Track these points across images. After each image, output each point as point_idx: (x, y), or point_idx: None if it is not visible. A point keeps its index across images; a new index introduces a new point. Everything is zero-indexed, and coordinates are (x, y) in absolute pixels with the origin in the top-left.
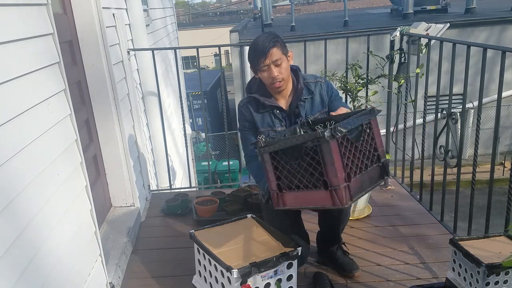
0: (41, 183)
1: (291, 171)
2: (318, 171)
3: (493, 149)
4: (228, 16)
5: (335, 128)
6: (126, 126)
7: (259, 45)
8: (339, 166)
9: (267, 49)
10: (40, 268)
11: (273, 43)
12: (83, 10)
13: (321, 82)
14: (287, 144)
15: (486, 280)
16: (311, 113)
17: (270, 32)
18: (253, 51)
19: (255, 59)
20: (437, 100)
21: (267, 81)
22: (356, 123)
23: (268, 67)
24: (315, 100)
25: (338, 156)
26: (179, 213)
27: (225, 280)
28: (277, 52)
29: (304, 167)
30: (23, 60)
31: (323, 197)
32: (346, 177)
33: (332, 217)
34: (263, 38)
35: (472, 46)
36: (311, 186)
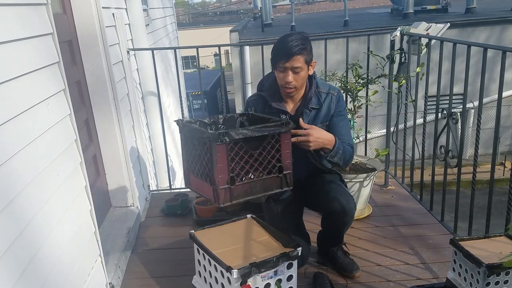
0: (41, 183)
1: (195, 158)
2: (208, 167)
3: (493, 149)
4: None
5: (225, 133)
6: (126, 126)
7: (286, 46)
8: (222, 169)
9: (292, 54)
10: (40, 268)
11: (300, 50)
12: (82, 10)
13: (333, 94)
14: (191, 131)
15: (486, 280)
16: (313, 123)
17: (302, 35)
18: (278, 49)
19: (277, 57)
20: (437, 100)
21: (280, 82)
22: (259, 132)
23: (285, 70)
24: (321, 111)
25: (223, 159)
26: (179, 213)
27: (225, 281)
28: (300, 60)
29: (201, 158)
30: (22, 60)
31: (209, 191)
32: (229, 180)
33: (337, 219)
34: (292, 39)
35: (472, 46)
36: (204, 177)
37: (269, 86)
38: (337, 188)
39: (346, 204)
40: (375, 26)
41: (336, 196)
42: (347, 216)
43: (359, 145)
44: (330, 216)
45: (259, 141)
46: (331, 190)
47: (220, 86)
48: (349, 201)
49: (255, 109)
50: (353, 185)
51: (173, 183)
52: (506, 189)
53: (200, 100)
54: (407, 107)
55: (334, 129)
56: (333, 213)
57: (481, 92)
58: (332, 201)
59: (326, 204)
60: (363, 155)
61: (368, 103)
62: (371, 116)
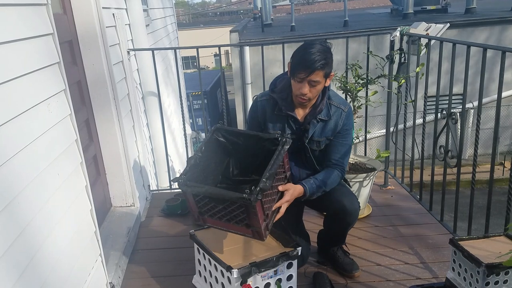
0: (41, 183)
1: (215, 209)
2: (242, 216)
3: (493, 149)
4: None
5: (260, 191)
6: (126, 126)
7: (308, 58)
8: (261, 216)
9: (313, 69)
10: (40, 267)
11: (321, 66)
12: (83, 10)
13: (343, 110)
14: (212, 195)
15: (486, 280)
16: (320, 136)
17: (325, 46)
18: (299, 60)
19: (296, 67)
20: (437, 100)
21: (295, 91)
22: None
23: (302, 81)
24: (328, 125)
25: (260, 210)
26: (179, 213)
27: (225, 280)
28: (320, 75)
29: (228, 211)
30: (23, 60)
31: (245, 231)
32: (266, 218)
33: (342, 219)
34: (315, 52)
35: (472, 46)
36: (234, 223)
37: (282, 88)
38: (342, 189)
39: (351, 205)
40: (375, 27)
41: (341, 197)
42: (351, 217)
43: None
44: (334, 216)
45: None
46: (336, 191)
47: (220, 86)
48: (354, 202)
49: (263, 111)
50: (353, 185)
51: (173, 183)
52: (505, 189)
53: (200, 100)
54: (407, 107)
55: (332, 148)
56: (338, 214)
57: (481, 92)
58: (337, 202)
59: (331, 204)
60: (363, 155)
61: (368, 103)
62: (370, 116)
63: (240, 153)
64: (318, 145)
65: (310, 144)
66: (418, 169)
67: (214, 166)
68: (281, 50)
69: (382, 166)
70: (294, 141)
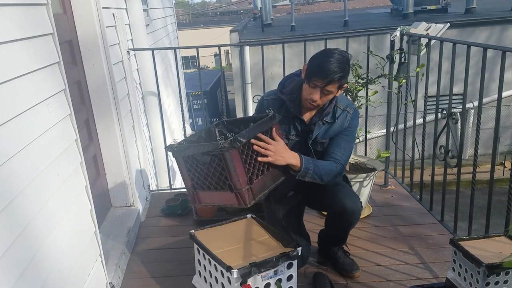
0: (41, 183)
1: (202, 174)
2: (224, 175)
3: (493, 149)
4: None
5: (235, 139)
6: (126, 126)
7: (327, 67)
8: (240, 172)
9: (330, 80)
10: (40, 268)
11: (338, 78)
12: (83, 10)
13: (348, 112)
14: (195, 150)
15: (486, 280)
16: (324, 137)
17: (345, 56)
18: (318, 67)
19: (314, 73)
20: (437, 100)
21: (306, 96)
22: (257, 131)
23: (316, 87)
24: (333, 127)
25: (239, 163)
26: (179, 213)
27: (225, 280)
28: (335, 86)
29: (212, 171)
30: (23, 60)
31: (230, 198)
32: (248, 181)
33: (344, 219)
34: (334, 62)
35: (472, 46)
36: (220, 187)
37: (291, 90)
38: (344, 189)
39: (354, 205)
40: (375, 26)
41: (344, 197)
42: (354, 217)
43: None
44: (337, 216)
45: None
46: (339, 191)
47: (220, 86)
48: (357, 201)
49: (270, 109)
50: (353, 185)
51: (173, 183)
52: (506, 189)
53: (200, 100)
54: (407, 107)
55: (333, 142)
56: (340, 213)
57: (481, 92)
58: (340, 202)
59: (333, 204)
60: (363, 155)
61: (368, 103)
62: (371, 116)
63: None
64: (322, 146)
65: (314, 145)
66: (418, 169)
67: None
68: (281, 50)
69: (382, 166)
70: (298, 143)
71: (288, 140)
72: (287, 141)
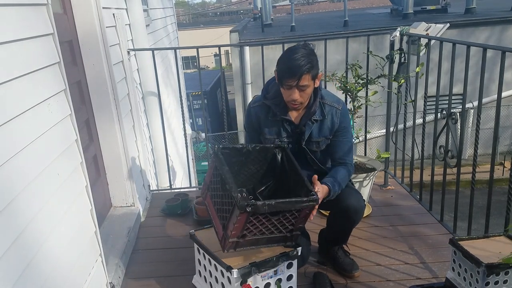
0: (41, 183)
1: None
2: (226, 211)
3: (493, 149)
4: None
5: (254, 205)
6: (126, 126)
7: (293, 64)
8: (238, 228)
9: (300, 74)
10: (40, 268)
11: (307, 69)
12: (83, 10)
13: (337, 109)
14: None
15: (485, 280)
16: (318, 136)
17: (308, 49)
18: (284, 67)
19: (283, 75)
20: (437, 100)
21: (286, 98)
22: (284, 208)
23: (291, 88)
24: (324, 124)
25: (242, 223)
26: (179, 213)
27: (225, 280)
28: (307, 78)
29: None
30: (23, 60)
31: (219, 231)
32: (241, 237)
33: (348, 218)
34: (299, 57)
35: (472, 46)
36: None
37: (275, 94)
38: (347, 188)
39: (358, 203)
40: (374, 27)
41: (348, 195)
42: (357, 215)
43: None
44: (340, 214)
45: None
46: (343, 190)
47: (220, 86)
48: (360, 200)
49: (257, 117)
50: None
51: (173, 183)
52: (505, 189)
53: (200, 100)
54: (407, 107)
55: (335, 147)
56: (344, 212)
57: (481, 92)
58: (344, 200)
59: (338, 203)
60: (363, 155)
61: (368, 103)
62: (370, 116)
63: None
64: (317, 145)
65: (309, 145)
66: (418, 169)
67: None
68: (281, 50)
69: (382, 166)
70: (291, 144)
71: (281, 143)
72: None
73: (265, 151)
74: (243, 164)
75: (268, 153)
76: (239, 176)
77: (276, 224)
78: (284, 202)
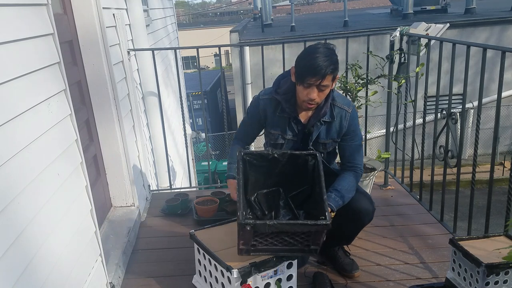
0: (41, 183)
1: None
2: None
3: (493, 149)
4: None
5: (254, 225)
6: (126, 126)
7: (317, 64)
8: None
9: (324, 73)
10: (40, 267)
11: (331, 70)
12: (83, 10)
13: (347, 112)
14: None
15: (485, 280)
16: (326, 138)
17: (330, 48)
18: (308, 65)
19: (304, 73)
20: (437, 100)
21: (303, 97)
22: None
23: (310, 86)
24: (333, 126)
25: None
26: (179, 213)
27: (225, 280)
28: (329, 78)
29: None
30: (23, 60)
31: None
32: (251, 245)
33: (358, 219)
34: (323, 57)
35: (472, 46)
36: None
37: (286, 90)
38: (358, 190)
39: (369, 205)
40: (374, 27)
41: (359, 198)
42: (368, 217)
43: None
44: (351, 216)
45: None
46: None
47: (220, 86)
48: (371, 202)
49: (264, 110)
50: None
51: (173, 183)
52: (505, 189)
53: (200, 100)
54: (407, 107)
55: (344, 151)
56: (355, 214)
57: (481, 92)
58: (356, 202)
59: (348, 206)
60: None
61: (368, 103)
62: (370, 116)
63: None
64: (324, 147)
65: (316, 146)
66: (418, 169)
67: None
68: (281, 50)
69: (382, 166)
70: (296, 143)
71: (284, 141)
72: (283, 141)
73: (295, 158)
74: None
75: (299, 159)
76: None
77: (288, 240)
78: (289, 224)
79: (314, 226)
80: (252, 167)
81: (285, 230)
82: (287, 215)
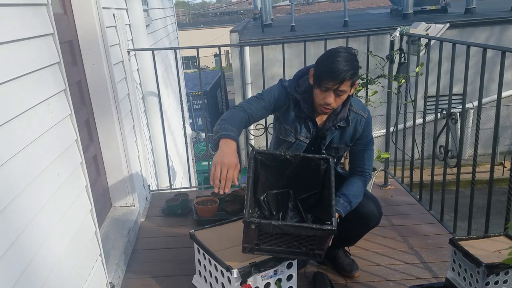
0: (41, 183)
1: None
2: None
3: (493, 149)
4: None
5: (259, 224)
6: (126, 126)
7: (337, 68)
8: (250, 237)
9: (342, 78)
10: (40, 267)
11: (350, 75)
12: (83, 10)
13: (362, 116)
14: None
15: (485, 280)
16: (339, 142)
17: (351, 53)
18: (328, 69)
19: (324, 76)
20: (437, 100)
21: (319, 101)
22: (294, 232)
23: (328, 90)
24: (347, 131)
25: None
26: (179, 213)
27: (225, 280)
28: (348, 84)
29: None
30: (23, 60)
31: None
32: (255, 244)
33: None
34: (344, 61)
35: (472, 46)
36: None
37: (305, 90)
38: (366, 194)
39: (376, 210)
40: (374, 27)
41: (367, 203)
42: (375, 221)
43: None
44: (359, 220)
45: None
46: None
47: (220, 86)
48: (379, 206)
49: (284, 103)
50: None
51: (173, 183)
52: (505, 189)
53: (200, 100)
54: (407, 107)
55: (355, 155)
56: (363, 218)
57: (481, 92)
58: (363, 207)
59: (356, 210)
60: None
61: (368, 103)
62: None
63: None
64: (336, 151)
65: (328, 150)
66: (418, 169)
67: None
68: (281, 50)
69: (382, 166)
70: (308, 145)
71: (296, 140)
72: (294, 140)
73: (307, 161)
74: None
75: (311, 162)
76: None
77: (293, 242)
78: (294, 226)
79: (319, 231)
80: (263, 167)
81: (290, 232)
82: (294, 217)
